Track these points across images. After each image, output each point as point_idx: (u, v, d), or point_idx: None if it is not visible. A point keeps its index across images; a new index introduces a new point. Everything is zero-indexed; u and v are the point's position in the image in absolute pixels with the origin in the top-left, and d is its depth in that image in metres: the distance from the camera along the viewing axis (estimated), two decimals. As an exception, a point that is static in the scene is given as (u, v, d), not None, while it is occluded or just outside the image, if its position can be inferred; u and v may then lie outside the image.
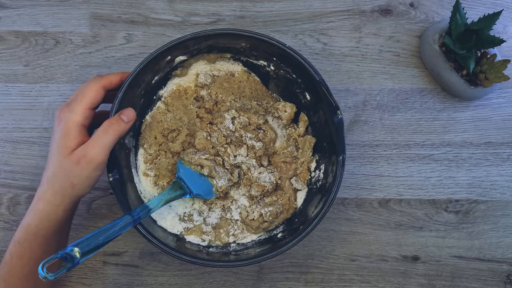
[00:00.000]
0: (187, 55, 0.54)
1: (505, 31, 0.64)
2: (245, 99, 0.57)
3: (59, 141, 0.46)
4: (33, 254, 0.47)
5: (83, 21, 0.63)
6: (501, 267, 0.59)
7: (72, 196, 0.47)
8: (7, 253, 0.48)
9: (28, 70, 0.62)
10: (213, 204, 0.55)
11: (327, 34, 0.64)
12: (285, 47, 0.51)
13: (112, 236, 0.43)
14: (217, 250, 0.53)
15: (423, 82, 0.63)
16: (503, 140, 0.62)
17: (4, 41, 0.63)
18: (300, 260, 0.59)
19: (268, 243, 0.52)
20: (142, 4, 0.64)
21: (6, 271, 0.47)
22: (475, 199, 0.60)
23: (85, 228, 0.59)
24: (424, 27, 0.64)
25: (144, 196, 0.54)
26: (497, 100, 0.63)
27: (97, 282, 0.58)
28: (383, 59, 0.63)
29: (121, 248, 0.58)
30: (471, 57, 0.57)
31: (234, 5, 0.64)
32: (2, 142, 0.61)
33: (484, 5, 0.65)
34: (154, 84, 0.54)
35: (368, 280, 0.59)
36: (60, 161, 0.46)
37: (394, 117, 0.62)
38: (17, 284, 0.47)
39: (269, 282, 0.58)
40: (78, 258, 0.39)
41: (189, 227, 0.54)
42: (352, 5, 0.65)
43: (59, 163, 0.46)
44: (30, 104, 0.61)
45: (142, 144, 0.55)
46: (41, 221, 0.47)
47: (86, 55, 0.63)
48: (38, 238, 0.47)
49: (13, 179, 0.60)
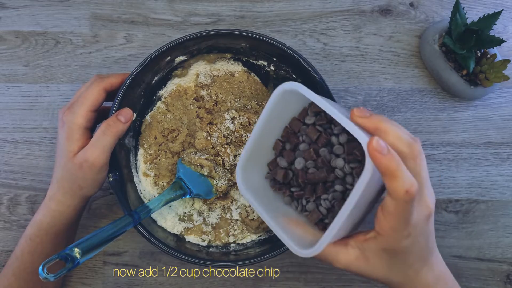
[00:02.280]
0: (187, 55, 0.54)
1: (505, 31, 0.64)
2: (245, 99, 0.57)
3: (63, 145, 0.47)
4: (44, 250, 0.49)
5: (83, 21, 0.64)
6: (501, 267, 0.59)
7: (81, 197, 0.49)
8: (18, 249, 0.50)
9: (28, 70, 0.62)
10: (213, 204, 0.55)
11: (327, 34, 0.64)
12: (285, 47, 0.51)
13: (112, 236, 0.43)
14: (217, 250, 0.53)
15: (423, 82, 0.63)
16: (503, 140, 0.62)
17: (4, 41, 0.63)
18: (300, 260, 0.59)
19: (268, 243, 0.52)
20: (142, 4, 0.64)
21: (17, 266, 0.49)
22: (475, 199, 0.60)
23: (85, 228, 0.59)
24: (424, 27, 0.64)
25: (144, 196, 0.54)
26: (497, 100, 0.63)
27: (97, 282, 0.58)
28: (383, 59, 0.63)
29: (121, 248, 0.59)
30: (471, 57, 0.57)
31: (234, 5, 0.64)
32: (2, 142, 0.61)
33: (484, 5, 0.65)
34: (154, 84, 0.54)
35: (367, 280, 0.59)
36: (66, 164, 0.47)
37: (394, 117, 0.62)
38: (27, 279, 0.49)
39: (269, 282, 0.58)
40: (78, 258, 0.39)
41: (189, 227, 0.54)
42: (352, 5, 0.65)
43: (65, 166, 0.47)
44: (30, 104, 0.62)
45: (142, 144, 0.55)
46: (53, 219, 0.49)
47: (86, 55, 0.63)
48: (50, 235, 0.49)
49: (13, 179, 0.60)
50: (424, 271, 0.39)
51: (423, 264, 0.39)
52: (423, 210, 0.36)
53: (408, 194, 0.33)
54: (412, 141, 0.35)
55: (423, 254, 0.38)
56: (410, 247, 0.36)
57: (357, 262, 0.38)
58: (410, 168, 0.34)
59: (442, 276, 0.40)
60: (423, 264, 0.39)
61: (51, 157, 0.60)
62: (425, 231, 0.37)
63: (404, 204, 0.34)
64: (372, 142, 0.33)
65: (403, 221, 0.35)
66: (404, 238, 0.35)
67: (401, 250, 0.36)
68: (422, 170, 0.36)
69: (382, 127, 0.35)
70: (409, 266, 0.38)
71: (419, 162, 0.35)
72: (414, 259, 0.38)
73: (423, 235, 0.37)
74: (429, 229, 0.37)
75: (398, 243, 0.36)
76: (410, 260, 0.38)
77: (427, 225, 0.37)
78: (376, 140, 0.33)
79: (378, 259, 0.37)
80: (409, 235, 0.35)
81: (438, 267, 0.40)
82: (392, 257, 0.37)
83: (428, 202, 0.36)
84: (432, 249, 0.39)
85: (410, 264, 0.38)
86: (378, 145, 0.32)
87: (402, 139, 0.35)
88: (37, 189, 0.60)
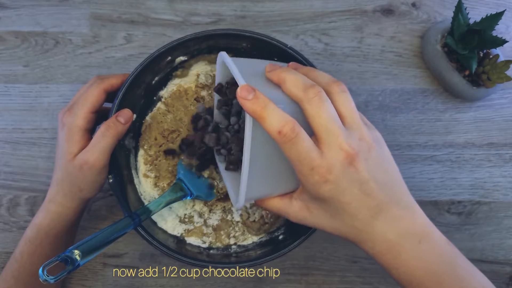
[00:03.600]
0: (188, 56, 0.54)
1: (508, 32, 0.64)
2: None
3: (63, 146, 0.47)
4: (43, 252, 0.49)
5: (83, 21, 0.63)
6: (504, 269, 0.59)
7: (81, 199, 0.49)
8: (17, 251, 0.49)
9: (28, 71, 0.62)
10: (214, 205, 0.54)
11: (328, 34, 0.64)
12: (287, 47, 0.50)
13: (112, 238, 0.43)
14: (218, 252, 0.53)
15: (425, 83, 0.63)
16: (505, 141, 0.61)
17: (4, 41, 0.62)
18: (301, 261, 0.58)
19: (269, 245, 0.52)
20: (142, 4, 0.64)
21: (16, 268, 0.49)
22: (477, 200, 0.60)
23: (85, 229, 0.58)
24: (426, 27, 0.64)
25: (144, 198, 0.53)
26: (500, 100, 0.62)
27: (97, 284, 0.57)
28: (385, 59, 0.63)
29: (121, 250, 0.58)
30: (474, 58, 0.57)
31: (235, 5, 0.64)
32: (2, 143, 0.60)
33: (486, 5, 0.65)
34: (154, 84, 0.54)
35: (369, 282, 0.58)
36: (66, 165, 0.47)
37: (396, 118, 0.62)
38: (26, 281, 0.49)
39: (270, 284, 0.58)
40: (78, 260, 0.39)
41: (190, 229, 0.53)
42: (354, 5, 0.64)
43: (65, 168, 0.47)
44: (30, 105, 0.61)
45: (142, 145, 0.55)
46: (53, 222, 0.49)
47: (86, 55, 0.62)
48: (49, 237, 0.49)
49: (13, 180, 0.60)
50: (377, 224, 0.36)
51: (372, 216, 0.36)
52: (335, 153, 0.34)
53: (282, 134, 0.33)
54: (308, 85, 0.35)
55: (366, 204, 0.35)
56: (335, 194, 0.35)
57: (302, 213, 0.38)
58: (307, 112, 0.34)
59: (411, 233, 0.36)
60: (372, 216, 0.36)
61: (51, 158, 0.60)
62: (348, 176, 0.34)
63: (285, 146, 0.34)
64: (237, 90, 0.34)
65: (301, 164, 0.34)
66: (322, 183, 0.34)
67: (327, 197, 0.35)
68: (322, 112, 0.34)
69: (281, 77, 0.36)
70: (352, 217, 0.36)
71: (315, 104, 0.34)
72: (353, 209, 0.35)
73: (347, 180, 0.34)
74: (357, 175, 0.34)
75: (318, 190, 0.35)
76: (349, 210, 0.35)
77: (348, 169, 0.34)
78: (240, 88, 0.34)
79: (316, 209, 0.37)
80: (326, 180, 0.34)
81: (405, 222, 0.36)
82: (326, 206, 0.36)
83: (343, 145, 0.34)
84: (384, 201, 0.36)
85: (352, 214, 0.36)
86: (242, 92, 0.34)
87: (298, 85, 0.35)
88: (37, 190, 0.59)
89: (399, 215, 0.36)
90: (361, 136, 0.36)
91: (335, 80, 0.37)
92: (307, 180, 0.35)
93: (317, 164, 0.34)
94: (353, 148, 0.34)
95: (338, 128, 0.34)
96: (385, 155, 0.37)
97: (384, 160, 0.37)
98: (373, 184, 0.35)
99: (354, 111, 0.36)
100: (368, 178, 0.35)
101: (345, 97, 0.36)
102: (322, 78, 0.38)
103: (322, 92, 0.35)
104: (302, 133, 0.34)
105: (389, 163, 0.38)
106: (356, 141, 0.35)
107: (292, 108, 0.36)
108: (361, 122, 0.36)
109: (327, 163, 0.34)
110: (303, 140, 0.34)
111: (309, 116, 0.35)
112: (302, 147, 0.34)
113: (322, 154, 0.34)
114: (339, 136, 0.34)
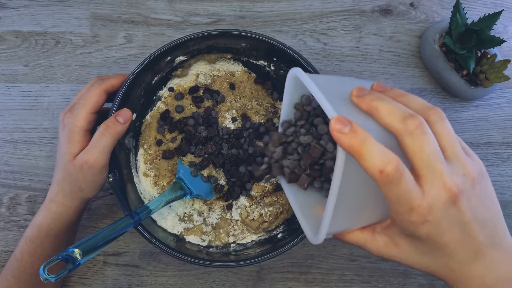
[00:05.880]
0: (187, 56, 0.54)
1: (506, 31, 0.64)
2: (245, 99, 0.57)
3: (64, 147, 0.47)
4: (43, 252, 0.49)
5: (83, 21, 0.63)
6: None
7: (81, 198, 0.49)
8: (17, 251, 0.50)
9: (28, 70, 0.62)
10: (213, 204, 0.55)
11: (327, 34, 0.64)
12: (285, 47, 0.51)
13: (112, 237, 0.43)
14: (217, 250, 0.53)
15: (423, 82, 0.63)
16: (503, 140, 0.62)
17: (4, 41, 0.63)
18: (300, 260, 0.59)
19: (268, 243, 0.52)
20: (142, 4, 0.64)
21: (16, 267, 0.49)
22: (475, 199, 0.60)
23: (85, 228, 0.59)
24: (424, 27, 0.64)
25: (144, 197, 0.54)
26: (497, 100, 0.63)
27: (97, 282, 0.58)
28: (383, 59, 0.63)
29: (121, 248, 0.58)
30: (472, 57, 0.57)
31: (234, 5, 0.64)
32: (2, 142, 0.61)
33: (484, 5, 0.65)
34: (154, 84, 0.54)
35: (368, 280, 0.59)
36: (66, 166, 0.47)
37: (394, 117, 0.62)
38: (27, 280, 0.49)
39: (269, 282, 0.58)
40: (79, 259, 0.39)
41: (189, 227, 0.54)
42: (352, 5, 0.65)
43: (65, 168, 0.47)
44: (30, 104, 0.61)
45: (142, 144, 0.55)
46: (53, 221, 0.49)
47: (86, 55, 0.63)
48: (50, 237, 0.49)
49: (13, 179, 0.60)
50: (475, 267, 0.33)
51: (471, 259, 0.33)
52: (437, 192, 0.31)
53: (384, 174, 0.29)
54: (407, 115, 0.31)
55: (465, 246, 0.33)
56: (433, 234, 0.32)
57: (387, 249, 0.35)
58: (407, 146, 0.31)
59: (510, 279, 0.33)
60: (471, 259, 0.33)
61: (51, 157, 0.60)
62: (450, 218, 0.31)
63: (385, 186, 0.30)
64: (331, 123, 0.30)
65: (400, 205, 0.31)
66: (420, 224, 0.31)
67: (424, 237, 0.32)
68: (425, 146, 0.30)
69: (373, 105, 0.32)
70: (448, 257, 0.33)
71: (417, 138, 0.30)
72: (451, 250, 0.33)
73: (447, 221, 0.32)
74: (459, 216, 0.32)
75: (415, 229, 0.32)
76: (446, 251, 0.33)
77: (450, 210, 0.31)
78: (335, 119, 0.30)
79: (407, 245, 0.34)
80: (425, 221, 0.31)
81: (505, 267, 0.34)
82: (419, 244, 0.33)
83: (446, 182, 0.31)
84: (485, 243, 0.33)
85: (449, 254, 0.33)
86: (337, 124, 0.30)
87: (395, 114, 0.31)
88: (37, 189, 0.60)
89: (500, 259, 0.34)
90: (465, 171, 0.32)
91: (431, 106, 0.33)
92: (402, 219, 0.32)
93: (417, 204, 0.31)
94: (458, 186, 0.31)
95: (441, 164, 0.31)
96: (488, 191, 0.34)
97: (487, 196, 0.34)
98: (475, 224, 0.32)
99: (456, 142, 0.33)
100: (470, 218, 0.32)
101: (445, 126, 0.33)
102: (415, 104, 0.33)
103: (424, 124, 0.31)
104: (406, 173, 0.30)
105: (491, 199, 0.34)
106: (460, 177, 0.32)
107: (384, 138, 0.32)
108: (463, 154, 0.33)
109: (428, 203, 0.31)
110: (406, 181, 0.30)
111: (409, 151, 0.31)
112: (404, 188, 0.30)
113: (423, 193, 0.31)
114: (443, 173, 0.31)
